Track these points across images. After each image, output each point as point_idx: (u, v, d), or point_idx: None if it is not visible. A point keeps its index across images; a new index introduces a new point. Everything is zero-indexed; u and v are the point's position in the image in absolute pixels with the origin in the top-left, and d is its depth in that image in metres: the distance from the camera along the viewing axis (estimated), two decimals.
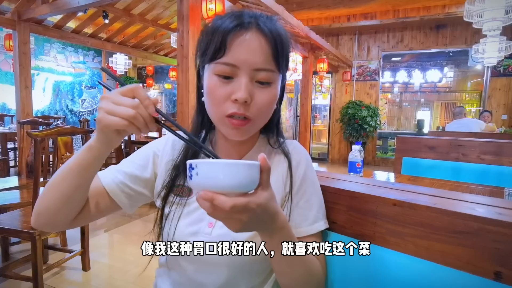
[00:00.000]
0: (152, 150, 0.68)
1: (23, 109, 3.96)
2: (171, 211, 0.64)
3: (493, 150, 2.16)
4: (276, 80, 0.58)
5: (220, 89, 0.56)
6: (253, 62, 0.55)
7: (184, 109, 2.71)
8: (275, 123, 0.68)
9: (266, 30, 0.55)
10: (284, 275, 0.56)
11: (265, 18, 0.58)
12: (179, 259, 0.64)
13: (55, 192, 0.55)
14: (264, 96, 0.57)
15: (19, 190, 2.43)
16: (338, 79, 7.31)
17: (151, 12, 5.01)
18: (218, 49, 0.55)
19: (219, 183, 0.41)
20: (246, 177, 0.42)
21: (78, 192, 0.56)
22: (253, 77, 0.56)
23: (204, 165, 0.41)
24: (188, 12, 2.67)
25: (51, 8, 3.75)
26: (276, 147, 0.68)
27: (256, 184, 0.44)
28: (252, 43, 0.55)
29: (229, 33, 0.54)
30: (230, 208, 0.41)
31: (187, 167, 0.43)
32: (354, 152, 1.72)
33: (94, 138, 0.52)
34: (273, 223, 0.48)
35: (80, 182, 0.54)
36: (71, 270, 2.14)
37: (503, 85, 6.00)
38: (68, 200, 0.55)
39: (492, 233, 0.50)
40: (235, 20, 0.55)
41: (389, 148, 7.63)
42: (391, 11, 5.81)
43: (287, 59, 0.61)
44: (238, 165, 0.41)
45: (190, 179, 0.42)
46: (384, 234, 0.62)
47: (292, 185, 0.64)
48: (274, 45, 0.56)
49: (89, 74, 8.05)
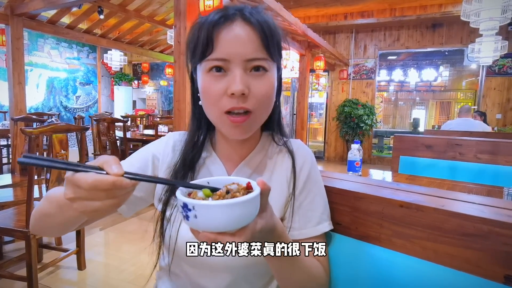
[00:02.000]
0: (152, 153, 0.66)
1: (16, 106, 3.90)
2: (172, 214, 0.62)
3: (489, 149, 2.17)
4: (271, 68, 0.57)
5: (214, 86, 0.54)
6: (243, 53, 0.53)
7: (181, 107, 2.68)
8: (276, 119, 0.66)
9: (252, 19, 0.54)
10: (285, 281, 0.56)
11: (250, 8, 0.56)
12: (182, 263, 0.63)
13: (52, 220, 0.51)
14: (261, 85, 0.55)
15: (13, 188, 2.39)
16: (334, 77, 7.31)
17: (147, 8, 4.95)
18: (206, 46, 0.54)
19: (221, 225, 0.38)
20: (248, 213, 0.39)
21: (74, 221, 0.52)
22: (246, 68, 0.54)
23: (203, 208, 0.37)
24: (186, 8, 2.64)
25: (45, 3, 3.68)
26: (280, 144, 0.66)
27: (257, 213, 0.42)
28: (240, 34, 0.53)
29: (214, 27, 0.53)
30: (236, 241, 0.40)
31: (181, 205, 0.39)
32: (353, 151, 1.71)
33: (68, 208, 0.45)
34: (270, 237, 0.48)
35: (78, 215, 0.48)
36: (66, 269, 2.11)
37: (498, 85, 6.04)
38: (68, 223, 0.52)
39: (502, 236, 0.50)
40: (219, 13, 0.54)
41: (384, 147, 7.66)
42: (388, 9, 5.81)
43: (279, 47, 0.59)
44: (240, 205, 0.38)
45: (187, 219, 0.39)
46: (391, 236, 0.61)
47: (295, 185, 0.63)
48: (263, 33, 0.54)
49: (84, 70, 7.96)
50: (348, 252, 0.66)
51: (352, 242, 0.67)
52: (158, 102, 9.70)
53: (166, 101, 9.72)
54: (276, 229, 0.48)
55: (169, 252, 0.63)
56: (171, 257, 0.62)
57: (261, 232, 0.43)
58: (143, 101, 9.70)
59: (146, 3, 4.76)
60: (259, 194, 0.40)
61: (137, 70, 9.61)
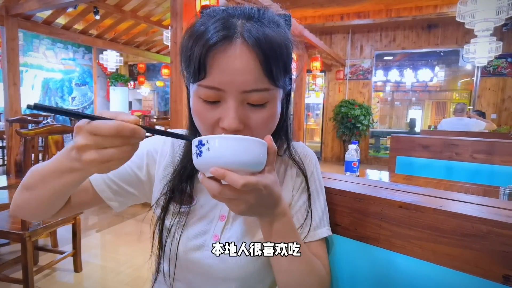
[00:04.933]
0: (148, 149, 0.63)
1: (11, 107, 3.86)
2: (173, 224, 0.59)
3: (485, 149, 2.19)
4: (274, 97, 0.49)
5: (207, 114, 0.49)
6: (240, 84, 0.46)
7: (178, 107, 2.67)
8: (284, 130, 0.60)
9: (252, 42, 0.45)
10: (284, 272, 0.53)
11: (255, 19, 0.48)
12: (183, 271, 0.61)
13: (33, 194, 0.50)
14: (259, 119, 0.49)
15: (8, 190, 2.36)
16: (331, 77, 7.33)
17: (143, 9, 4.94)
18: (198, 70, 0.46)
19: (231, 159, 0.40)
20: (257, 154, 0.41)
21: (59, 195, 0.51)
22: (243, 100, 0.47)
23: (216, 140, 0.40)
24: (182, 9, 2.63)
25: (40, 4, 3.66)
26: (281, 155, 0.63)
27: (264, 165, 0.43)
28: (238, 60, 0.45)
29: (210, 49, 0.45)
30: (242, 186, 0.39)
31: (195, 144, 0.42)
32: (351, 152, 1.72)
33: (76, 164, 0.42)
34: (275, 208, 0.48)
35: (61, 189, 0.48)
36: (62, 271, 2.10)
37: (493, 85, 6.10)
38: (48, 201, 0.51)
39: (501, 236, 0.50)
40: (218, 31, 0.45)
41: (381, 147, 7.69)
42: (384, 10, 5.84)
43: (286, 67, 0.50)
44: (249, 141, 0.41)
45: (199, 155, 0.41)
46: (390, 237, 0.61)
47: (305, 188, 0.62)
48: (265, 58, 0.45)
49: (79, 71, 7.91)
50: (348, 253, 0.66)
51: (351, 243, 0.66)
52: (154, 103, 9.67)
53: (162, 102, 9.69)
54: (281, 203, 0.48)
55: (170, 262, 0.61)
56: (173, 267, 0.61)
57: (265, 188, 0.42)
58: (139, 102, 9.66)
59: (142, 4, 4.75)
60: (265, 144, 0.43)
61: (133, 70, 9.57)
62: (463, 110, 3.98)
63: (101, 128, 0.37)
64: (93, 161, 0.39)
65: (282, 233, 0.49)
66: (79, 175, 0.45)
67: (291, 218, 0.52)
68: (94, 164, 0.39)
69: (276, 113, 0.52)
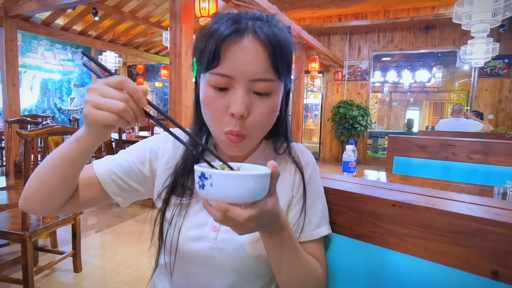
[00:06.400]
0: (151, 146, 0.66)
1: (10, 108, 3.87)
2: (174, 215, 0.62)
3: (481, 150, 2.21)
4: (277, 89, 0.55)
5: (216, 101, 0.53)
6: (249, 73, 0.51)
7: (177, 108, 2.69)
8: (283, 129, 0.64)
9: (263, 36, 0.51)
10: (283, 275, 0.56)
11: (264, 21, 0.54)
12: (183, 263, 0.63)
13: (41, 181, 0.53)
14: (262, 108, 0.54)
15: (7, 191, 2.37)
16: (329, 78, 7.36)
17: (142, 10, 4.95)
18: (212, 59, 0.51)
19: (234, 194, 0.41)
20: (260, 188, 0.42)
21: (66, 182, 0.54)
22: (250, 88, 0.52)
23: (219, 176, 0.40)
24: (181, 11, 2.65)
25: (39, 5, 3.67)
26: (280, 153, 0.66)
27: (267, 191, 0.44)
28: (249, 51, 0.51)
29: (224, 41, 0.51)
30: (245, 220, 0.42)
31: (198, 175, 0.42)
32: (348, 152, 1.74)
33: (82, 130, 0.49)
34: (274, 224, 0.50)
35: (67, 173, 0.53)
36: (62, 271, 2.11)
37: (490, 86, 6.13)
38: (55, 189, 0.54)
39: (490, 233, 0.52)
40: (231, 25, 0.51)
41: (379, 147, 7.72)
42: (382, 11, 5.88)
43: (288, 65, 0.56)
44: (253, 178, 0.41)
45: (202, 188, 0.42)
46: (384, 235, 0.63)
47: (302, 189, 0.63)
48: (273, 52, 0.52)
49: (78, 72, 7.91)
50: (344, 251, 0.68)
51: (347, 241, 0.68)
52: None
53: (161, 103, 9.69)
54: (279, 220, 0.50)
55: (170, 252, 0.63)
56: (173, 257, 0.63)
57: (268, 214, 0.45)
58: None
59: (141, 5, 4.76)
60: (270, 173, 0.44)
61: (132, 71, 9.58)
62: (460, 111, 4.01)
63: (108, 80, 0.43)
64: (87, 101, 0.44)
65: (280, 246, 0.52)
66: (83, 138, 0.49)
67: (290, 231, 0.54)
68: (87, 105, 0.44)
69: (277, 106, 0.56)
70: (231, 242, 0.59)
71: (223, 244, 0.60)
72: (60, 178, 0.53)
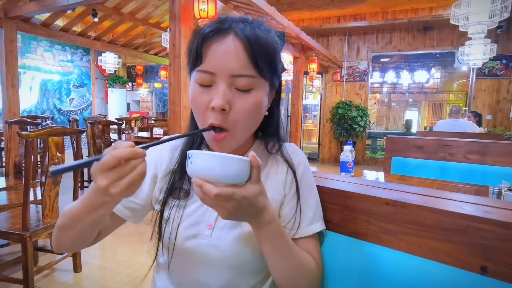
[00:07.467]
0: (149, 160, 0.68)
1: (10, 109, 3.88)
2: (171, 214, 0.64)
3: (478, 150, 2.23)
4: (259, 86, 0.56)
5: (201, 97, 0.56)
6: (230, 68, 0.54)
7: (176, 109, 2.70)
8: (274, 128, 0.67)
9: (243, 35, 0.54)
10: (276, 269, 0.58)
11: (246, 23, 0.56)
12: (181, 260, 0.65)
13: (72, 230, 0.56)
14: (243, 104, 0.55)
15: (7, 191, 2.38)
16: (328, 79, 7.39)
17: (142, 11, 4.96)
18: (196, 57, 0.56)
19: (209, 173, 0.45)
20: (234, 170, 0.46)
21: (94, 227, 0.57)
22: (231, 84, 0.55)
23: (197, 155, 0.46)
24: (180, 12, 2.66)
25: (39, 6, 3.68)
26: (273, 153, 0.67)
27: (246, 178, 0.47)
28: (229, 48, 0.54)
29: (206, 39, 0.55)
30: (215, 196, 0.45)
31: (187, 156, 0.48)
32: (346, 152, 1.75)
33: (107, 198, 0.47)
34: (261, 217, 0.52)
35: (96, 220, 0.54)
36: (62, 271, 2.12)
37: (488, 86, 6.16)
38: (86, 234, 0.58)
39: (479, 230, 0.53)
40: (214, 25, 0.55)
41: (378, 148, 7.74)
42: (380, 13, 5.90)
43: (272, 63, 0.57)
44: (227, 158, 0.45)
45: (187, 167, 0.48)
46: (378, 232, 0.65)
47: (292, 188, 0.65)
48: (251, 49, 0.54)
49: (78, 73, 7.92)
50: (339, 249, 0.69)
51: (342, 239, 0.70)
52: (152, 104, 9.69)
53: (160, 103, 9.71)
54: (266, 213, 0.52)
55: (168, 250, 0.65)
56: (171, 254, 0.65)
57: (244, 199, 0.47)
58: (137, 104, 9.68)
59: (141, 6, 4.77)
60: (247, 160, 0.47)
61: (131, 72, 9.59)
62: (458, 112, 4.05)
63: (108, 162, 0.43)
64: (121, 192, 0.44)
65: (270, 238, 0.55)
66: (111, 205, 0.51)
67: (279, 224, 0.56)
68: (122, 194, 0.45)
69: (260, 104, 0.58)
70: (225, 238, 0.61)
71: (217, 241, 0.62)
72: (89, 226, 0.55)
